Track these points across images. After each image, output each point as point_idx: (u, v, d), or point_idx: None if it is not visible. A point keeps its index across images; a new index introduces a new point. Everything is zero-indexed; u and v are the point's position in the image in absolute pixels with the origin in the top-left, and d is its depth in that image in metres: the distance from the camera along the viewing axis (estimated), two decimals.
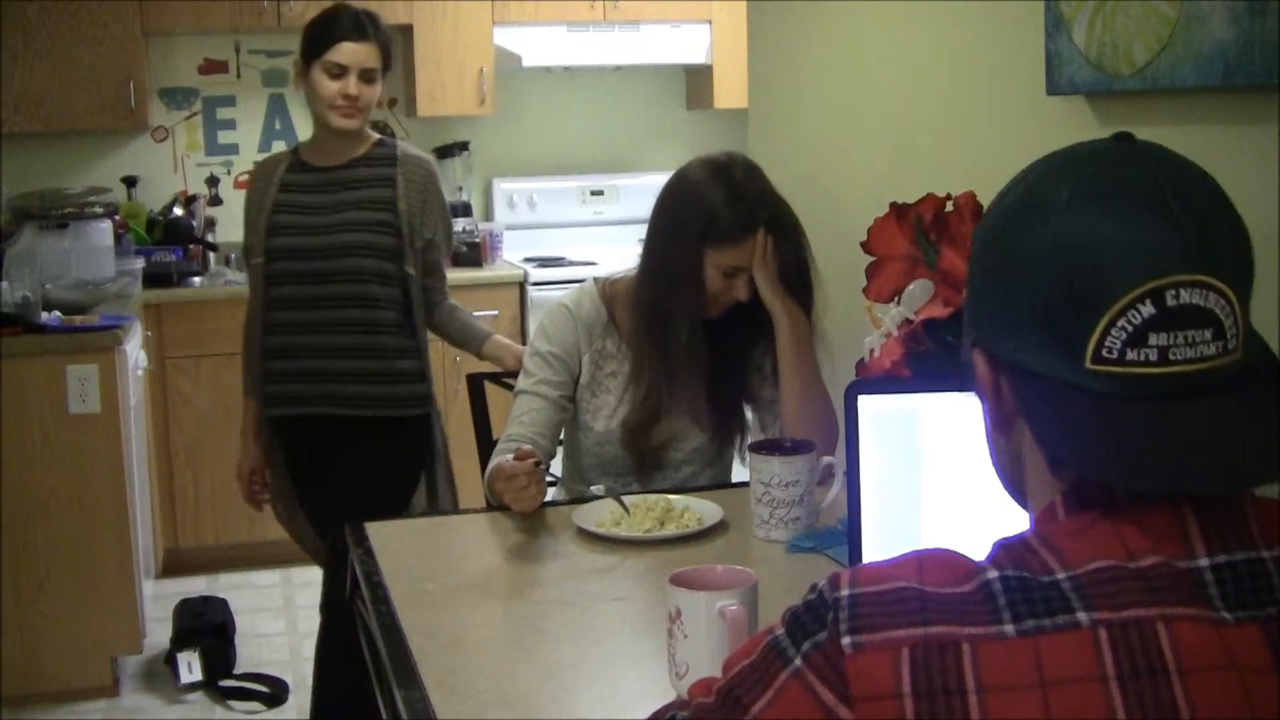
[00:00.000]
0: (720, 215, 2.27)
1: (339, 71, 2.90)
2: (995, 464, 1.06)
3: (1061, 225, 0.94)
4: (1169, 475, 0.91)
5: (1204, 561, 0.90)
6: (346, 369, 2.97)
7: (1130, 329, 0.91)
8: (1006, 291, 0.97)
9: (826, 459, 2.15)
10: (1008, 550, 0.94)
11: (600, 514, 2.11)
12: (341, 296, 2.95)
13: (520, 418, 2.35)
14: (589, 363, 2.41)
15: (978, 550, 0.96)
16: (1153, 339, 0.91)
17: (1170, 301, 0.91)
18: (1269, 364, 0.98)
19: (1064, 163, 0.99)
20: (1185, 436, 0.92)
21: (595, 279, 2.48)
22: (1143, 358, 0.92)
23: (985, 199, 1.47)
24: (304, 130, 5.04)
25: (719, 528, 2.09)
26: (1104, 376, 0.93)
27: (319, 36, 2.93)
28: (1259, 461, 0.91)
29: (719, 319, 2.36)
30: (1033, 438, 0.99)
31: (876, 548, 1.65)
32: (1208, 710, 0.85)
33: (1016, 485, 1.04)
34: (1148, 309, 0.91)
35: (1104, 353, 0.92)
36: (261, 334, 3.04)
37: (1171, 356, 0.91)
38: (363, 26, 2.92)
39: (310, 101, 2.99)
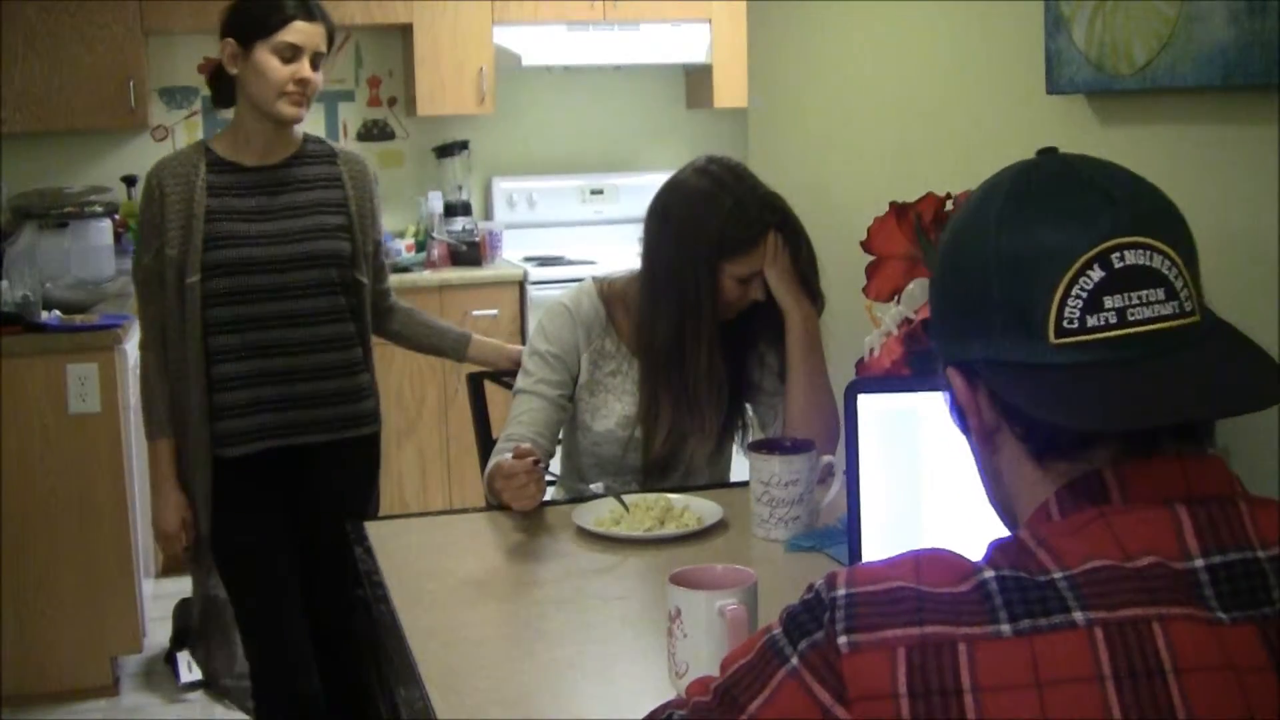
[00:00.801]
0: (731, 226, 2.25)
1: (291, 54, 2.56)
2: (986, 489, 1.08)
3: (1003, 228, 0.98)
4: (1154, 410, 0.93)
5: (1199, 562, 0.90)
6: (313, 391, 2.68)
7: (1085, 295, 0.94)
8: (965, 300, 1.01)
9: (826, 458, 2.14)
10: (1003, 550, 0.94)
11: (600, 513, 2.11)
12: (310, 312, 2.66)
13: (519, 417, 2.35)
14: (588, 362, 2.41)
15: (977, 550, 0.96)
16: (1108, 302, 0.94)
17: (1117, 264, 0.94)
18: (1226, 328, 1.01)
19: (993, 183, 1.04)
20: (1160, 380, 0.94)
21: (594, 278, 2.48)
22: (1103, 321, 0.94)
23: None
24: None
25: (719, 527, 2.09)
26: (1069, 348, 0.95)
27: (266, 14, 2.57)
28: (1242, 388, 0.95)
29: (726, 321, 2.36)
30: (1016, 438, 1.00)
31: (876, 547, 1.65)
32: (1204, 710, 0.85)
33: (1006, 507, 1.05)
34: (1097, 273, 0.94)
35: (1065, 324, 0.95)
36: (200, 363, 2.60)
37: (1130, 316, 0.94)
38: (310, 6, 2.60)
39: (250, 88, 2.59)
